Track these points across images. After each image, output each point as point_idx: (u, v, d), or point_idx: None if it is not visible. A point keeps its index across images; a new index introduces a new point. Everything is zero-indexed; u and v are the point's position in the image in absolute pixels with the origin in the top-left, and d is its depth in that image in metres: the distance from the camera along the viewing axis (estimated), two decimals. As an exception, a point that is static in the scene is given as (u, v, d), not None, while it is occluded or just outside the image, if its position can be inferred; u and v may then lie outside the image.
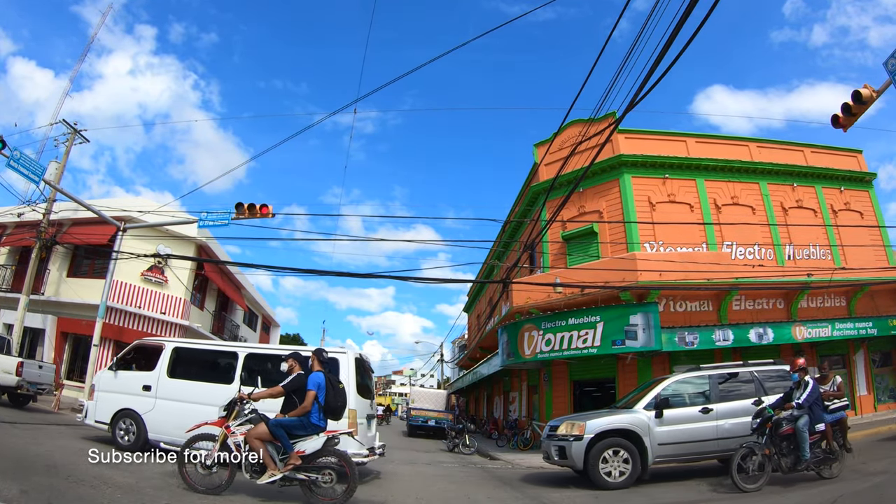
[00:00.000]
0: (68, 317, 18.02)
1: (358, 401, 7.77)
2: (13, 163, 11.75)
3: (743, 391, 8.19)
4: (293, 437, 5.71)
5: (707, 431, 7.82)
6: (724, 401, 8.04)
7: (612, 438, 7.67)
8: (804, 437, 6.89)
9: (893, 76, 5.75)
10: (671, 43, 4.91)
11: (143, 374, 8.46)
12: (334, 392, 5.90)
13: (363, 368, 8.47)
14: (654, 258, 14.98)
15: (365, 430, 8.07)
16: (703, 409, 7.91)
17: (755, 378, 8.31)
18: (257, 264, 16.84)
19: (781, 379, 8.30)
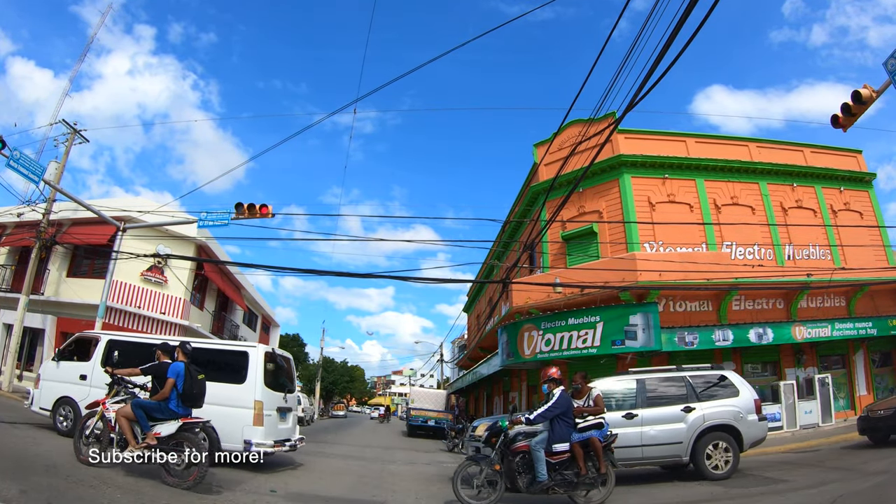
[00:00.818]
0: (68, 317, 18.00)
1: (266, 393, 8.08)
2: (13, 163, 11.74)
3: (673, 397, 8.02)
4: (153, 419, 6.13)
5: (630, 438, 7.64)
6: (652, 407, 7.90)
7: None
8: (537, 455, 6.14)
9: (893, 76, 5.75)
10: (671, 43, 4.91)
11: (81, 364, 8.91)
12: (191, 381, 6.26)
13: (276, 364, 8.80)
14: (654, 258, 14.98)
15: (275, 422, 8.38)
16: (627, 415, 7.79)
17: (688, 384, 8.13)
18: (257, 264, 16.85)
19: (718, 385, 8.20)
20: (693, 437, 7.69)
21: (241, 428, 7.66)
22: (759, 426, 8.11)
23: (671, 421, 7.74)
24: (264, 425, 7.80)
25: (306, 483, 7.40)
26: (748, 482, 7.66)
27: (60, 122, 17.06)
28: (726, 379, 8.30)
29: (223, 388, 7.78)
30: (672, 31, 4.80)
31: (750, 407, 8.03)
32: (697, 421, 7.76)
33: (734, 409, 7.95)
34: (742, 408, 7.98)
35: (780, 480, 7.50)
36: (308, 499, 6.48)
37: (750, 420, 7.95)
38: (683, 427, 7.73)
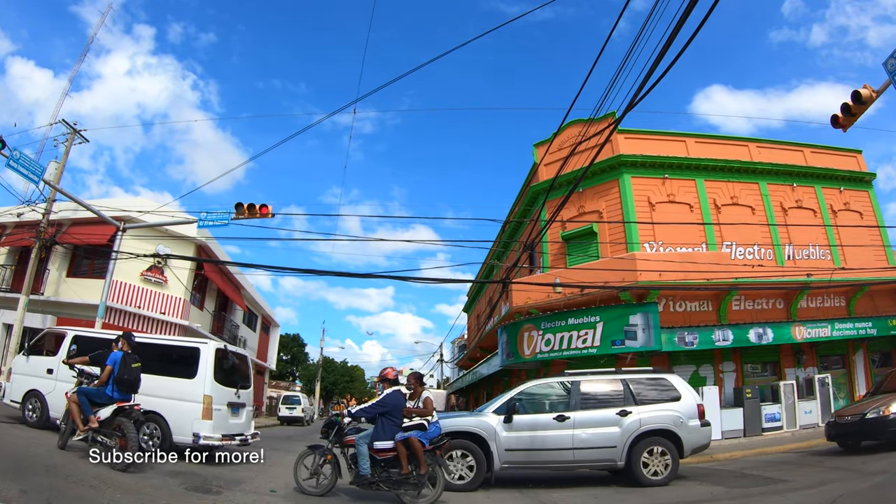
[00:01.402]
0: (68, 317, 17.98)
1: (215, 388, 8.40)
2: (13, 163, 11.72)
3: (609, 400, 7.85)
4: (95, 404, 6.73)
5: (561, 440, 7.55)
6: (585, 409, 7.75)
7: (458, 440, 7.49)
8: (360, 450, 6.30)
9: (893, 76, 5.76)
10: (671, 43, 4.92)
11: (48, 358, 9.20)
12: (125, 369, 6.85)
13: (229, 361, 9.12)
14: (654, 258, 14.98)
15: (226, 416, 8.64)
16: (559, 417, 7.66)
17: (626, 387, 7.95)
18: (257, 264, 16.87)
19: (659, 389, 8.00)
20: (628, 441, 7.49)
21: (192, 421, 7.99)
22: (702, 432, 7.81)
23: (605, 424, 7.59)
24: (213, 419, 8.15)
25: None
26: (748, 482, 7.66)
27: (60, 122, 17.06)
28: (668, 382, 8.06)
29: (176, 383, 8.20)
30: (672, 31, 4.81)
31: (692, 412, 7.78)
32: (633, 425, 7.56)
33: (674, 413, 7.70)
34: (683, 413, 7.73)
35: (780, 480, 7.49)
36: (307, 499, 6.47)
37: (691, 425, 7.69)
38: (618, 431, 7.55)
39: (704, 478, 8.30)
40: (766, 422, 13.71)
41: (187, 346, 8.94)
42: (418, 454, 6.19)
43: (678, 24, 4.76)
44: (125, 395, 6.92)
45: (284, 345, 49.74)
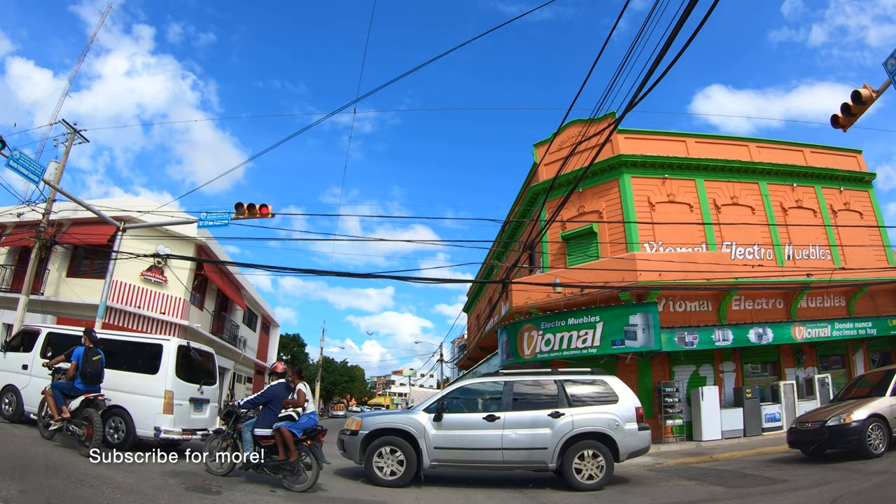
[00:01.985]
0: (68, 317, 17.97)
1: (176, 383, 8.72)
2: (13, 163, 11.71)
3: (542, 401, 7.77)
4: (67, 396, 7.43)
5: (491, 440, 7.52)
6: (517, 410, 7.68)
7: (388, 437, 7.61)
8: (244, 436, 6.85)
9: (893, 76, 5.75)
10: (671, 43, 4.92)
11: (23, 355, 9.52)
12: (87, 362, 7.49)
13: (192, 358, 9.43)
14: (654, 258, 14.98)
15: (188, 411, 8.92)
16: (489, 417, 7.63)
17: (561, 388, 7.85)
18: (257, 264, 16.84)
19: (594, 390, 7.91)
20: (559, 443, 7.39)
21: (153, 415, 8.28)
22: (639, 436, 7.64)
23: (536, 426, 7.50)
24: (174, 413, 8.43)
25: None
26: (748, 482, 7.67)
27: (60, 121, 17.03)
28: (606, 385, 7.94)
29: (139, 378, 8.54)
30: (672, 31, 4.81)
31: (629, 415, 7.63)
32: (565, 427, 7.46)
33: (610, 416, 7.58)
34: (620, 416, 7.59)
35: (780, 480, 7.50)
36: (308, 498, 6.47)
37: (627, 429, 7.53)
38: (549, 433, 7.44)
39: (704, 478, 8.31)
40: (766, 422, 13.72)
41: (151, 343, 9.23)
42: (288, 443, 6.65)
43: (678, 25, 4.76)
44: (91, 387, 7.59)
45: (284, 345, 49.69)
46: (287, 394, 7.18)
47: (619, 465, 7.83)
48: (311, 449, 6.76)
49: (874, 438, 8.37)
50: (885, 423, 8.50)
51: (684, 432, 13.95)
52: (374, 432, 7.69)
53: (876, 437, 8.39)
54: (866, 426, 8.36)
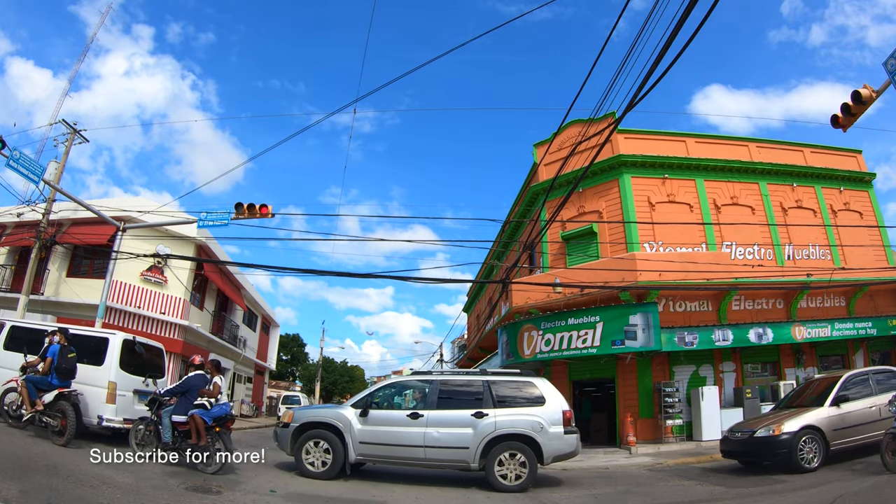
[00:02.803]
0: (68, 317, 17.94)
1: (120, 375, 9.16)
2: (13, 163, 11.71)
3: (466, 401, 7.79)
4: (40, 390, 7.84)
5: (413, 437, 7.57)
6: (441, 409, 7.72)
7: (317, 430, 7.79)
8: (163, 422, 7.47)
9: (893, 76, 5.75)
10: (671, 43, 4.92)
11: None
12: (63, 359, 7.94)
13: (135, 351, 9.87)
14: (654, 258, 14.98)
15: (131, 402, 9.34)
16: (413, 415, 7.68)
17: (487, 389, 7.84)
18: (257, 264, 16.82)
19: (521, 391, 7.89)
20: (481, 444, 7.37)
21: (98, 404, 8.75)
22: (565, 440, 7.54)
23: (458, 425, 7.51)
24: (116, 404, 8.92)
25: (306, 483, 7.40)
26: (748, 482, 7.67)
27: (60, 121, 17.04)
28: (534, 386, 7.88)
29: (87, 369, 8.86)
30: (672, 31, 4.81)
31: (556, 418, 7.54)
32: (488, 428, 7.44)
33: (534, 419, 7.50)
34: (545, 418, 7.52)
35: (780, 480, 7.50)
36: (308, 499, 6.48)
37: (552, 432, 7.45)
38: (471, 433, 7.44)
39: (704, 478, 8.32)
40: (766, 422, 13.70)
41: (98, 337, 9.65)
42: (199, 429, 7.27)
43: (678, 25, 4.76)
44: (65, 382, 7.99)
45: (284, 345, 49.73)
46: (204, 384, 7.68)
47: (619, 464, 7.84)
48: (220, 435, 7.35)
49: (807, 452, 7.85)
50: (820, 436, 7.96)
51: (684, 432, 13.94)
52: (304, 425, 7.90)
53: (809, 451, 7.87)
54: (797, 439, 7.85)
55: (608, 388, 15.88)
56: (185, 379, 7.79)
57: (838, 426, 8.14)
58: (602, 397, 16.92)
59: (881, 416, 8.17)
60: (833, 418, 8.17)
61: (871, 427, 8.21)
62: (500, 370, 9.05)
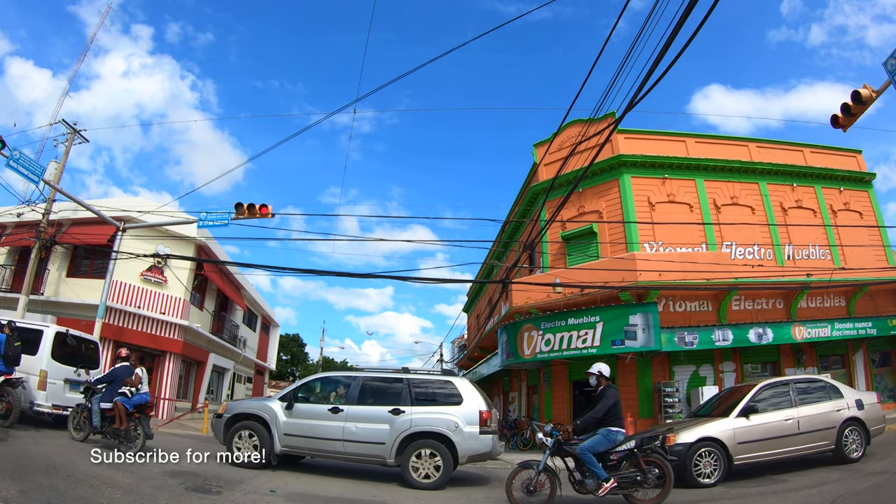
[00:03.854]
0: (68, 317, 17.93)
1: (51, 364, 9.95)
2: (13, 163, 11.73)
3: (385, 398, 7.95)
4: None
5: (333, 431, 7.77)
6: (360, 404, 7.88)
7: (247, 422, 8.10)
8: (93, 408, 8.30)
9: (893, 76, 5.75)
10: (670, 43, 4.92)
11: None
12: (10, 347, 8.72)
13: (69, 344, 10.64)
14: (654, 258, 14.98)
15: (62, 390, 10.10)
16: (333, 409, 7.87)
17: (406, 387, 7.97)
18: (256, 264, 16.82)
19: (440, 390, 7.98)
20: (397, 440, 7.49)
21: (31, 391, 9.49)
22: (480, 440, 7.56)
23: (376, 421, 7.66)
24: (46, 391, 9.71)
25: (306, 483, 7.41)
26: (748, 482, 7.66)
27: (60, 121, 17.04)
28: (452, 386, 7.96)
29: (24, 359, 9.42)
30: (672, 31, 4.81)
31: (472, 419, 7.60)
32: (403, 425, 7.56)
33: (449, 418, 7.58)
34: (461, 418, 7.58)
35: (780, 480, 7.49)
36: (308, 499, 6.48)
37: (467, 432, 7.50)
38: (387, 429, 7.57)
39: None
40: (766, 422, 13.69)
41: (34, 329, 10.34)
42: (121, 414, 8.07)
43: (678, 25, 4.76)
44: (10, 369, 8.77)
45: (284, 345, 49.74)
46: (130, 374, 8.51)
47: None
48: (139, 420, 8.15)
49: (704, 466, 7.31)
50: (722, 449, 7.40)
51: (684, 432, 13.92)
52: (236, 416, 8.24)
53: (707, 465, 7.32)
54: (692, 451, 7.34)
55: (608, 388, 15.87)
56: (112, 370, 8.66)
57: (745, 439, 7.58)
58: (602, 397, 16.90)
59: (799, 430, 7.79)
60: (739, 430, 7.61)
61: (786, 442, 7.75)
62: (423, 369, 9.30)
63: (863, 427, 8.22)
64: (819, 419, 7.98)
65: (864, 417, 8.27)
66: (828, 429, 7.97)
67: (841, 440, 8.00)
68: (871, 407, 8.57)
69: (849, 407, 8.25)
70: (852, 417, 8.17)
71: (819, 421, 7.97)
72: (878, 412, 8.71)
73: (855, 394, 8.70)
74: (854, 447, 8.10)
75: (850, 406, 8.27)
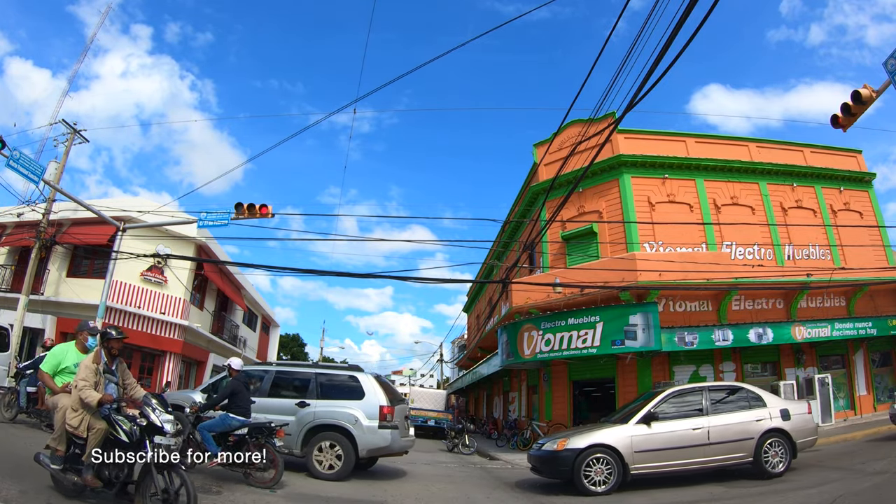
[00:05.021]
0: (68, 317, 17.96)
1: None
2: (13, 163, 11.70)
3: (294, 391, 8.36)
4: None
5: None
6: (271, 397, 8.28)
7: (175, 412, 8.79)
8: (20, 391, 9.16)
9: (893, 76, 5.75)
10: (670, 43, 4.91)
11: None
12: None
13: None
14: (654, 258, 14.98)
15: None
16: None
17: (314, 380, 8.30)
18: (256, 264, 16.79)
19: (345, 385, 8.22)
20: (302, 431, 7.79)
21: None
22: (380, 434, 7.75)
23: (283, 412, 7.93)
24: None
25: (306, 483, 7.41)
26: (748, 482, 7.66)
27: (60, 122, 17.05)
28: (356, 381, 8.18)
29: None
30: (672, 31, 4.80)
31: (372, 413, 7.80)
32: (308, 417, 7.88)
33: (351, 412, 7.81)
34: (362, 412, 7.81)
35: (780, 480, 7.49)
36: (308, 499, 6.48)
37: (367, 426, 7.72)
38: (293, 420, 7.87)
39: (704, 478, 8.29)
40: (766, 422, 13.67)
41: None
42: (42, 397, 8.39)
43: (678, 25, 4.75)
44: None
45: (284, 345, 49.75)
46: None
47: None
48: None
49: (595, 473, 7.07)
50: (616, 457, 7.10)
51: (684, 432, 13.92)
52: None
53: (598, 473, 7.07)
54: (583, 458, 7.10)
55: (608, 388, 15.87)
56: (38, 357, 9.55)
57: (644, 448, 7.23)
58: (602, 397, 16.91)
59: (710, 440, 7.36)
60: (638, 438, 7.25)
61: (693, 452, 7.35)
62: (331, 364, 9.61)
63: (787, 439, 7.57)
64: (734, 429, 7.47)
65: (789, 429, 7.63)
66: (744, 440, 7.45)
67: (760, 453, 7.43)
68: (800, 418, 7.90)
69: (771, 417, 7.64)
70: (775, 429, 7.57)
71: (734, 431, 7.47)
72: (807, 423, 8.04)
73: (781, 403, 8.12)
74: (776, 460, 7.49)
75: (772, 416, 7.66)
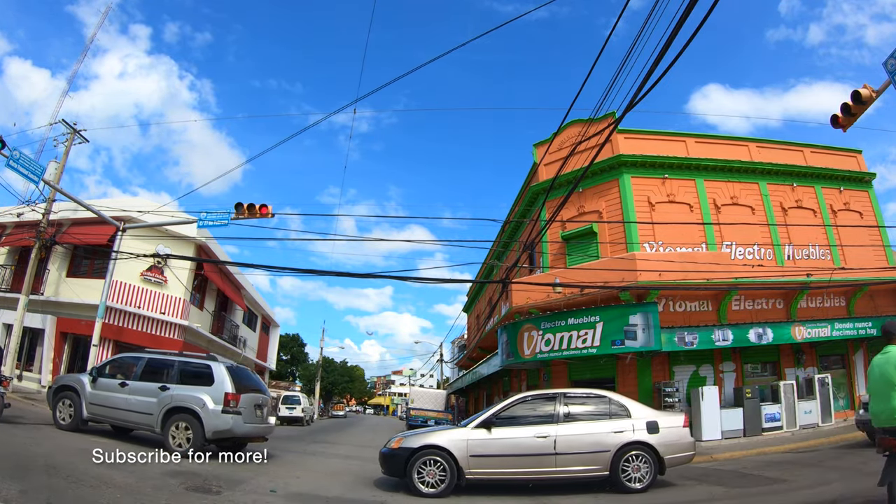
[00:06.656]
0: (68, 317, 17.98)
1: None
2: (13, 163, 11.73)
3: (159, 376, 9.14)
4: None
5: (118, 402, 9.11)
6: (142, 380, 9.15)
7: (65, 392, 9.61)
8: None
9: (893, 76, 5.75)
10: (670, 44, 4.91)
11: None
12: None
13: None
14: (654, 258, 14.98)
15: None
16: (122, 384, 9.24)
17: (176, 367, 9.16)
18: (256, 264, 16.80)
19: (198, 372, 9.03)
20: (161, 412, 8.65)
21: None
22: (222, 418, 8.50)
23: (148, 395, 8.91)
24: None
25: (306, 483, 7.41)
26: (748, 482, 7.67)
27: (60, 122, 17.05)
28: (208, 369, 9.01)
29: None
30: (672, 31, 4.80)
31: (218, 399, 8.61)
32: (166, 399, 8.73)
33: (200, 396, 8.63)
34: (210, 397, 8.60)
35: (780, 480, 7.50)
36: (308, 499, 6.48)
37: (211, 409, 8.50)
38: (155, 402, 8.77)
39: (704, 478, 8.30)
40: (766, 422, 13.71)
41: None
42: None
43: (678, 25, 4.75)
44: None
45: (284, 345, 49.71)
46: None
47: None
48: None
49: (427, 475, 6.90)
50: (451, 460, 6.87)
51: (684, 432, 13.92)
52: (61, 386, 9.80)
53: (430, 474, 6.89)
54: (415, 458, 6.94)
55: (608, 388, 15.82)
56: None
57: (480, 453, 6.97)
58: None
59: (556, 450, 6.91)
60: (474, 443, 7.00)
61: (536, 461, 6.99)
62: (194, 353, 10.52)
63: (653, 453, 6.99)
64: (586, 440, 7.01)
65: (655, 443, 7.03)
66: (599, 452, 6.95)
67: (618, 466, 6.88)
68: (671, 431, 7.26)
69: (634, 429, 7.08)
70: (637, 441, 7.00)
71: (586, 442, 7.00)
72: (680, 438, 7.34)
73: (650, 415, 7.44)
74: (637, 475, 6.90)
75: (636, 428, 7.09)
